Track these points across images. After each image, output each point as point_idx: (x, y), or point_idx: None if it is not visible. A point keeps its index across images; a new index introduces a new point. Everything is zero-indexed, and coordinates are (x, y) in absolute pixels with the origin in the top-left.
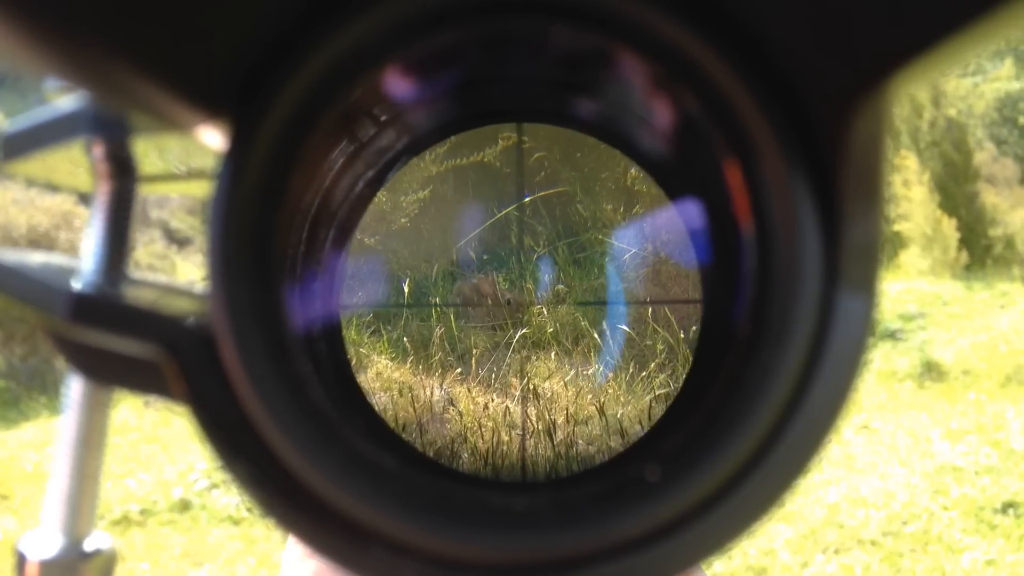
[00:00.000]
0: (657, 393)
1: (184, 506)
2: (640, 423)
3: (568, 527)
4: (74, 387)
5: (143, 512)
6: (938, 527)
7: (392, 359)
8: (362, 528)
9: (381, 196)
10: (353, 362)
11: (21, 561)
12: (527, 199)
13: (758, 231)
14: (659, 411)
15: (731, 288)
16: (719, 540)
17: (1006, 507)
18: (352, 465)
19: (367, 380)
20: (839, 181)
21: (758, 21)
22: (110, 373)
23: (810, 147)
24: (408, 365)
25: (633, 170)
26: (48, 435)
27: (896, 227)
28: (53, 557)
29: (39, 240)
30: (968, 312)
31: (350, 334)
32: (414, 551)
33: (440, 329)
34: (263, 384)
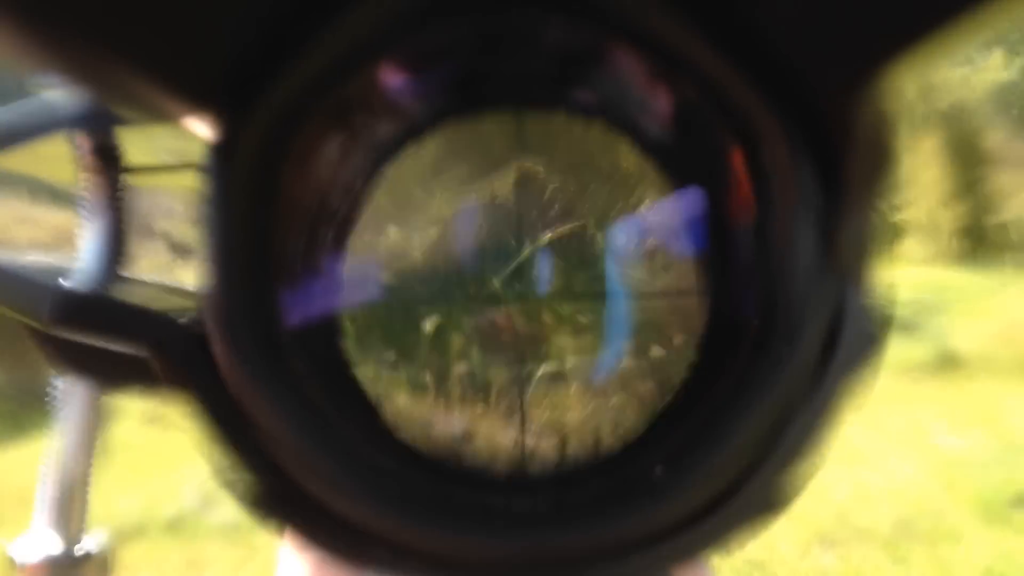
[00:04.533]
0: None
1: (180, 521)
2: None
3: (570, 527)
4: (65, 389)
5: (139, 528)
6: (946, 521)
7: (410, 395)
8: (361, 529)
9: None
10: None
11: (14, 564)
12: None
13: (763, 222)
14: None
15: (735, 279)
16: (724, 537)
17: (1014, 500)
18: (350, 465)
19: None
20: (846, 169)
21: (755, 10)
22: (101, 372)
23: (814, 136)
24: (428, 400)
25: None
26: (46, 454)
27: (903, 214)
28: (45, 560)
29: None
30: (978, 301)
31: (366, 372)
32: (414, 552)
33: (463, 366)
34: (258, 383)
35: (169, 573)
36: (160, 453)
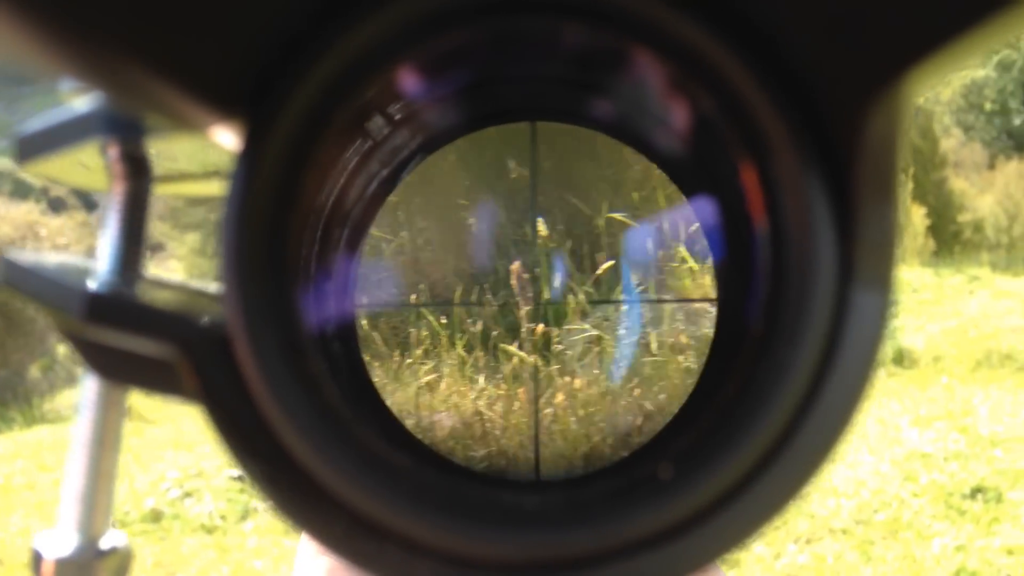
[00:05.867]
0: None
1: (156, 516)
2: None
3: (581, 526)
4: (89, 387)
5: (115, 523)
6: (908, 514)
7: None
8: (376, 527)
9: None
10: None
11: (37, 559)
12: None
13: (772, 229)
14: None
15: (745, 286)
16: (733, 539)
17: (974, 492)
18: (366, 464)
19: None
20: (854, 179)
21: (772, 20)
22: (125, 372)
23: (825, 145)
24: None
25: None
26: (19, 448)
27: None
28: (69, 556)
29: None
30: (938, 298)
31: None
32: (428, 550)
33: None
34: (277, 383)
35: (147, 567)
36: (131, 447)
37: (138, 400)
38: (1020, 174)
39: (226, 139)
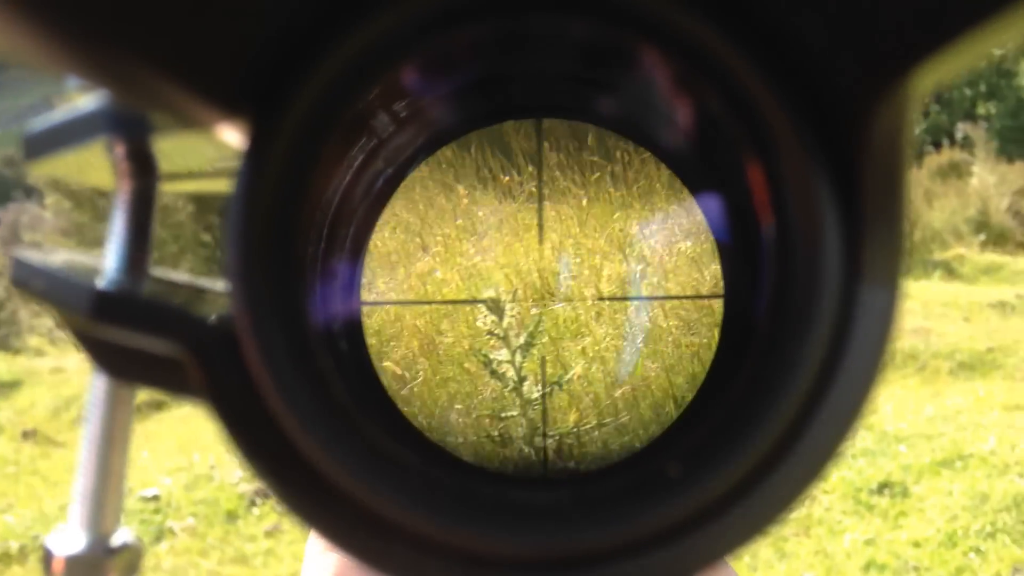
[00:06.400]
0: None
1: None
2: None
3: (590, 523)
4: (97, 385)
5: (22, 549)
6: (819, 510)
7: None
8: (384, 524)
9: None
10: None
11: (48, 557)
12: None
13: (779, 226)
14: None
15: (752, 283)
16: (742, 535)
17: (881, 487)
18: (374, 461)
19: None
20: (860, 176)
21: (778, 18)
22: (133, 371)
23: (831, 143)
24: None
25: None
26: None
27: None
28: (79, 553)
29: None
30: None
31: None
32: (436, 547)
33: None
34: (285, 381)
35: None
36: (39, 469)
37: (45, 423)
38: (917, 182)
39: (232, 137)
